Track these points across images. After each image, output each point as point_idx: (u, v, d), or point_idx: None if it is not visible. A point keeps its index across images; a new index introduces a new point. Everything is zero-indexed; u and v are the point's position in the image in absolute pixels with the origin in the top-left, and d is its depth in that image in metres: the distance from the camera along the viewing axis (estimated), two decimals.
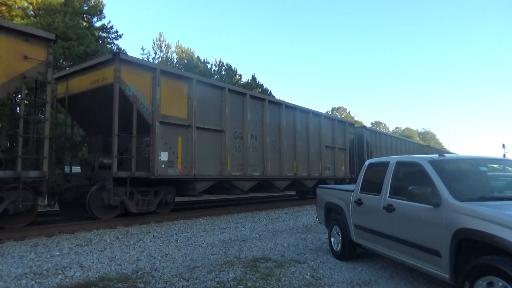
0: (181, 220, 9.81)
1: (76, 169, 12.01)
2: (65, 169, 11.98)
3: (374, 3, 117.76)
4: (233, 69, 35.79)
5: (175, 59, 33.24)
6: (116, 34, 26.35)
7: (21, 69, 7.58)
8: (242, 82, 35.78)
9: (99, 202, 8.64)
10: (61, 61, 19.60)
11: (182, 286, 4.42)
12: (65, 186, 8.95)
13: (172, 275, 4.83)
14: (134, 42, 72.98)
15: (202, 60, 33.78)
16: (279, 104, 13.82)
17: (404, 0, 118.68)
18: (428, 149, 24.65)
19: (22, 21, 18.55)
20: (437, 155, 4.52)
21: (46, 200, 8.33)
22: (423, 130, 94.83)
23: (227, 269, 5.09)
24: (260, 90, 35.04)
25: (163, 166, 9.39)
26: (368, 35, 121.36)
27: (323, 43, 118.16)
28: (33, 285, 4.43)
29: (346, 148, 17.31)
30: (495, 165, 4.93)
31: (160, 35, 34.22)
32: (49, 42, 7.96)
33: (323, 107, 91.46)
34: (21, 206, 7.38)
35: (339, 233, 5.74)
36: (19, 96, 7.84)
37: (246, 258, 5.75)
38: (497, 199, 3.70)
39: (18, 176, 7.37)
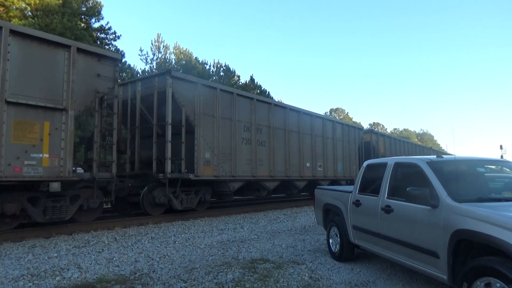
0: (179, 221, 9.79)
1: None
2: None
3: (375, 5, 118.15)
4: (232, 70, 35.81)
5: (173, 60, 33.24)
6: (114, 35, 26.36)
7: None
8: (240, 83, 35.81)
9: None
10: None
11: (180, 287, 4.41)
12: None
13: (170, 277, 4.82)
14: (133, 43, 72.98)
15: (200, 61, 33.79)
16: None
17: (404, 4, 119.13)
18: (337, 127, 16.04)
19: (20, 22, 18.52)
20: (434, 156, 4.53)
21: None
22: (421, 131, 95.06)
23: (225, 270, 5.09)
24: (258, 91, 35.06)
25: None
26: (368, 37, 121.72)
27: (323, 45, 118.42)
28: (30, 286, 4.41)
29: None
30: (493, 166, 4.95)
31: (158, 36, 34.19)
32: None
33: (322, 108, 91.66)
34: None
35: (338, 234, 5.75)
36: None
37: (244, 259, 5.74)
38: (494, 200, 3.70)
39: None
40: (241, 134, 11.62)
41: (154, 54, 33.26)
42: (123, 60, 26.78)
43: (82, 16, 23.64)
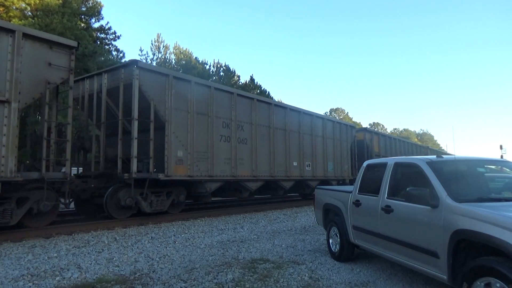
0: (179, 221, 9.79)
1: None
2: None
3: (375, 5, 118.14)
4: (232, 70, 35.84)
5: (173, 60, 33.26)
6: (114, 35, 26.40)
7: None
8: (240, 83, 35.81)
9: None
10: None
11: (180, 287, 4.41)
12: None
13: (170, 277, 4.82)
14: (133, 43, 73.03)
15: (200, 61, 33.81)
16: None
17: (404, 4, 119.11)
18: (328, 124, 15.36)
19: (20, 22, 18.52)
20: (434, 156, 4.53)
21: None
22: (421, 131, 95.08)
23: (225, 270, 5.09)
24: (258, 91, 35.07)
25: None
26: (368, 37, 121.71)
27: (323, 45, 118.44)
28: (30, 286, 4.41)
29: None
30: (493, 166, 4.95)
31: (158, 36, 34.26)
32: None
33: (322, 108, 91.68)
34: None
35: (337, 234, 5.75)
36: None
37: (244, 259, 5.74)
38: (494, 200, 3.70)
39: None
40: (220, 131, 10.88)
41: (154, 54, 33.35)
42: (123, 60, 26.78)
43: (82, 16, 23.66)
